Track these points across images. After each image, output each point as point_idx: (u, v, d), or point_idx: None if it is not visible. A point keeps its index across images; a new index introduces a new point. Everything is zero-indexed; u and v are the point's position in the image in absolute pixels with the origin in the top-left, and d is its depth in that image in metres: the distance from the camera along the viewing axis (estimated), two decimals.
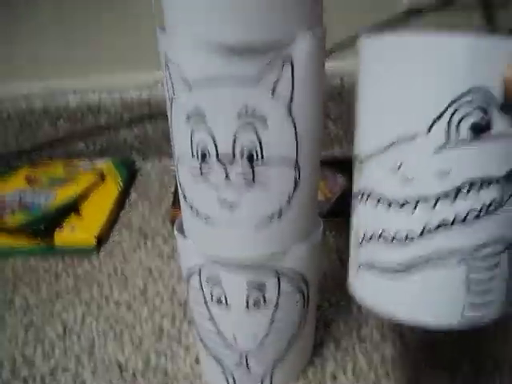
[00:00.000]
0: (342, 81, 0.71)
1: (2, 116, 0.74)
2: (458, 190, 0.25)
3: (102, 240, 0.60)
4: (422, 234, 0.26)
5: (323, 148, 0.34)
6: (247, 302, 0.35)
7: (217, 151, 0.30)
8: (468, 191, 0.25)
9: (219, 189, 0.30)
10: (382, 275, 0.28)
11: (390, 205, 0.27)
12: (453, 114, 0.24)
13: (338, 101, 0.72)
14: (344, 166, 0.65)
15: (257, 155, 0.30)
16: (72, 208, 0.63)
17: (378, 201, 0.27)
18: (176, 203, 0.62)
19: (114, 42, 0.70)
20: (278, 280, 0.35)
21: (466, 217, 0.25)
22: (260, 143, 0.29)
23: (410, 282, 0.27)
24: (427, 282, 0.26)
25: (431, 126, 0.24)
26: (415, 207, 0.26)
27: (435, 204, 0.25)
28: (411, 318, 0.27)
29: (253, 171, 0.30)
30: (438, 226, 0.25)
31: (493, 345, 0.43)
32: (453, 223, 0.25)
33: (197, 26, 0.27)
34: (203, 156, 0.30)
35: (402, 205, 0.26)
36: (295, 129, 0.30)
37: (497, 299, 0.27)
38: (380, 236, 0.28)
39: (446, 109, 0.24)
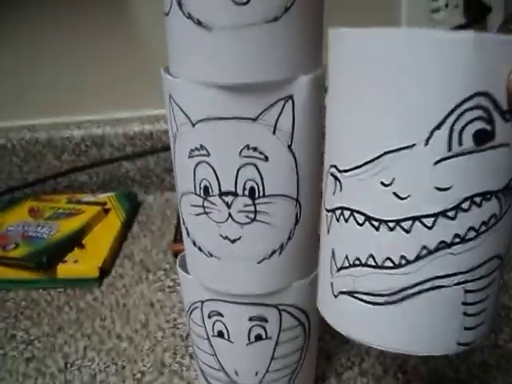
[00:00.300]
0: None
1: (6, 147, 0.75)
2: (457, 207, 0.22)
3: (104, 272, 0.60)
4: (417, 258, 0.23)
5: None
6: (249, 337, 0.35)
7: (219, 188, 0.30)
8: (468, 208, 0.22)
9: (221, 225, 0.31)
10: (366, 303, 0.25)
11: (379, 226, 0.23)
12: (455, 122, 0.21)
13: None
14: None
15: (258, 192, 0.30)
16: (75, 240, 0.63)
17: (365, 220, 0.24)
18: (178, 236, 0.62)
19: (118, 78, 0.71)
20: (280, 315, 0.35)
21: (465, 236, 0.23)
22: (262, 180, 0.30)
23: (400, 310, 0.24)
24: (421, 310, 0.24)
25: (430, 136, 0.21)
26: (410, 228, 0.23)
27: (433, 224, 0.23)
28: (400, 348, 0.25)
29: (255, 208, 0.30)
30: (437, 249, 0.23)
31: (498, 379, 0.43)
32: (451, 244, 0.23)
33: (199, 68, 0.28)
34: (206, 192, 0.31)
35: (395, 226, 0.23)
36: (296, 165, 0.31)
37: (488, 318, 0.25)
38: (366, 261, 0.24)
39: (448, 116, 0.21)
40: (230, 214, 0.30)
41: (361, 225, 0.24)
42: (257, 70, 0.28)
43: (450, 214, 0.22)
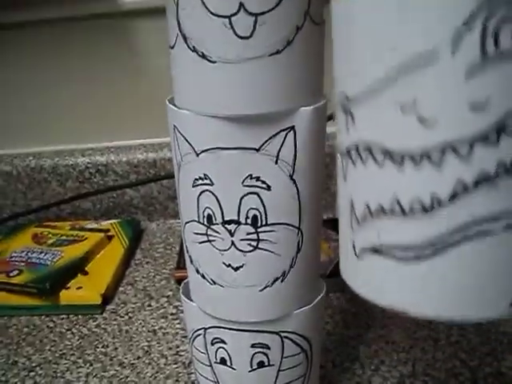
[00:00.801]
0: None
1: (12, 174, 0.76)
2: (501, 127, 0.17)
3: (107, 298, 0.61)
4: (453, 196, 0.18)
5: (326, 209, 0.35)
6: (251, 364, 0.35)
7: (222, 216, 0.31)
8: None
9: (224, 253, 0.31)
10: (395, 261, 0.20)
11: (402, 161, 0.19)
12: (487, 19, 0.16)
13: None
14: None
15: (261, 220, 0.31)
16: (78, 267, 0.64)
17: (384, 157, 0.20)
18: (181, 264, 0.62)
19: (122, 106, 0.72)
20: (282, 342, 0.35)
21: (511, 166, 0.18)
22: (264, 208, 0.30)
23: (437, 266, 0.20)
24: (463, 263, 0.19)
25: (457, 37, 0.17)
26: (440, 160, 0.18)
27: (470, 151, 0.18)
28: (442, 313, 0.20)
29: (257, 236, 0.31)
30: (477, 182, 0.18)
31: None
32: (496, 175, 0.18)
33: (204, 99, 0.29)
34: (209, 220, 0.31)
35: (421, 158, 0.19)
36: (298, 194, 0.31)
37: None
38: (391, 208, 0.20)
39: (477, 12, 0.17)
40: (232, 242, 0.31)
41: (380, 163, 0.20)
42: (259, 102, 0.28)
43: (491, 136, 0.18)
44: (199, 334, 0.36)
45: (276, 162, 0.30)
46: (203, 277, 0.33)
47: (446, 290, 0.20)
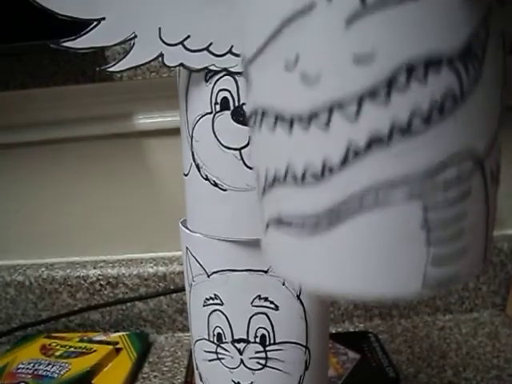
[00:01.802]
0: None
1: (24, 284, 0.77)
2: (390, 81, 0.15)
3: None
4: (344, 161, 0.17)
5: (334, 324, 0.36)
6: None
7: (232, 335, 0.32)
8: (407, 81, 0.15)
9: (234, 371, 0.32)
10: (294, 232, 0.19)
11: (291, 124, 0.17)
12: None
13: None
14: (356, 341, 0.66)
15: (269, 339, 0.32)
16: (85, 380, 0.63)
17: (275, 120, 0.18)
18: (188, 378, 0.62)
19: (133, 220, 0.75)
20: None
21: (409, 124, 0.16)
22: (272, 328, 0.31)
23: (334, 239, 0.18)
24: (360, 236, 0.17)
25: None
26: (328, 120, 0.16)
27: (358, 110, 0.16)
28: (343, 290, 0.18)
29: (266, 354, 0.32)
30: (369, 145, 0.16)
31: None
32: (390, 136, 0.16)
33: (216, 224, 0.31)
34: (219, 339, 0.32)
35: (309, 120, 0.17)
36: (305, 313, 0.32)
37: (471, 246, 0.18)
38: (285, 176, 0.18)
39: None
40: (241, 361, 0.32)
41: (273, 127, 0.18)
42: None
43: (381, 93, 0.16)
44: None
45: (283, 283, 0.31)
46: None
47: (344, 266, 0.18)
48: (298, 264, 0.19)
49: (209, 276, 0.31)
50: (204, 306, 0.32)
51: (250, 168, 0.29)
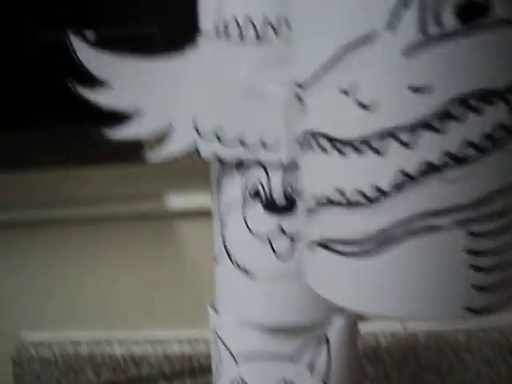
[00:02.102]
0: (377, 340, 0.72)
1: (49, 359, 0.77)
2: (444, 114, 0.16)
3: None
4: (396, 187, 0.17)
5: None
6: None
7: None
8: (461, 114, 0.16)
9: None
10: (339, 254, 0.19)
11: (344, 148, 0.18)
12: None
13: (374, 360, 0.73)
14: None
15: None
16: None
17: (329, 145, 0.18)
18: None
19: (159, 298, 0.75)
20: None
21: (461, 154, 0.16)
22: None
23: (379, 263, 0.18)
24: (407, 260, 0.17)
25: (393, 16, 0.15)
26: (382, 147, 0.17)
27: (413, 138, 0.16)
28: (383, 311, 0.18)
29: None
30: (421, 174, 0.16)
31: None
32: (443, 166, 0.16)
33: (244, 309, 0.32)
34: None
35: (362, 146, 0.17)
36: None
37: (510, 275, 0.18)
38: (335, 198, 0.18)
39: None
40: None
41: (326, 151, 0.18)
42: (295, 313, 0.31)
43: (435, 123, 0.16)
44: None
45: (310, 370, 0.31)
46: None
47: (390, 287, 0.18)
48: (343, 284, 0.20)
49: (236, 360, 0.32)
50: None
51: (279, 255, 0.30)
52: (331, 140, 0.18)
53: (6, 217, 0.71)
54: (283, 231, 0.29)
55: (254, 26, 0.26)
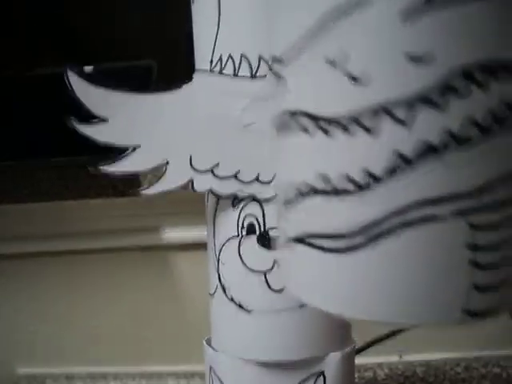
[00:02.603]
0: (374, 372, 0.72)
1: None
2: (446, 87, 0.14)
3: None
4: (389, 172, 0.15)
5: None
6: None
7: None
8: (465, 88, 0.14)
9: None
10: (324, 251, 0.16)
11: (330, 128, 0.15)
12: None
13: None
14: None
15: None
16: None
17: (313, 124, 0.16)
18: None
19: (155, 332, 0.74)
20: None
21: (463, 134, 0.14)
22: None
23: (371, 257, 0.16)
24: (402, 256, 0.15)
25: None
26: (374, 126, 0.15)
27: (410, 114, 0.14)
28: (375, 316, 0.16)
29: None
30: (420, 154, 0.14)
31: None
32: (443, 147, 0.14)
33: (240, 345, 0.31)
34: None
35: (351, 124, 0.15)
36: None
37: None
38: (319, 185, 0.16)
39: None
40: None
41: (308, 131, 0.16)
42: (291, 349, 0.30)
43: (435, 97, 0.14)
44: None
45: None
46: None
47: (381, 288, 0.16)
48: (326, 286, 0.17)
49: None
50: None
51: (274, 291, 0.29)
52: (314, 118, 0.16)
53: None
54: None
55: (249, 63, 0.26)
